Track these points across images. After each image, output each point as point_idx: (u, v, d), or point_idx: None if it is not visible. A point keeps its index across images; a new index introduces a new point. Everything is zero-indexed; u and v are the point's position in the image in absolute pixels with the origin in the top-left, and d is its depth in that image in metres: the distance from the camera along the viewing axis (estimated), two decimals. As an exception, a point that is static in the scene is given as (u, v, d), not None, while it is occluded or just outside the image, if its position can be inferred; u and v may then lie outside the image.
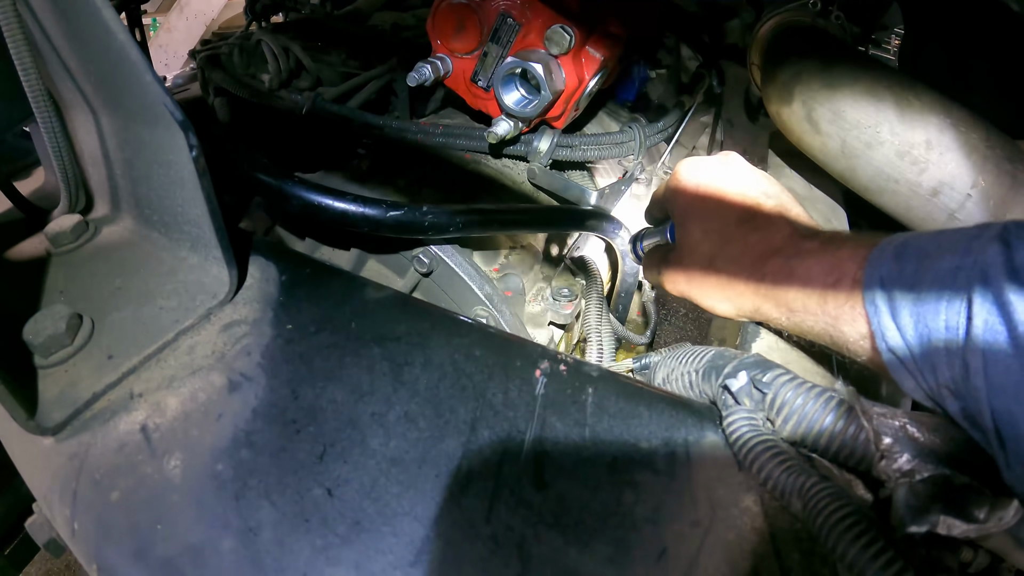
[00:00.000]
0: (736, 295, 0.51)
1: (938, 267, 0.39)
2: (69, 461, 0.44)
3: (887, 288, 0.42)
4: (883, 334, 0.42)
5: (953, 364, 0.38)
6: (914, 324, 0.40)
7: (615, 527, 0.38)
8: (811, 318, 0.46)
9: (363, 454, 0.40)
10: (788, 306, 0.48)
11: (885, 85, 0.61)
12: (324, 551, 0.36)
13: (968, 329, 0.37)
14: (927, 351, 0.39)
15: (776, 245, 0.49)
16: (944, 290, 0.38)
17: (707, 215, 0.54)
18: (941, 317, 0.38)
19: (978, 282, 0.37)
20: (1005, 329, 0.35)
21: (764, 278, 0.49)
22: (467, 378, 0.45)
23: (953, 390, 0.38)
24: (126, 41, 0.43)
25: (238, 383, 0.45)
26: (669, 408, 0.45)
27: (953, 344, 0.38)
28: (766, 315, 0.50)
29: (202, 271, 0.52)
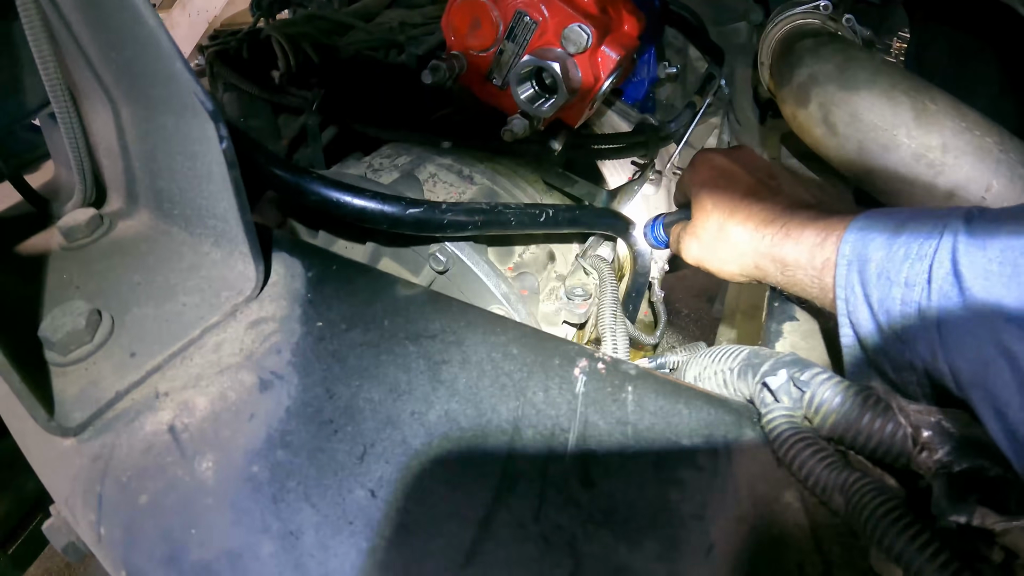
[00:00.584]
0: (740, 255, 0.59)
1: (908, 234, 0.45)
2: (92, 463, 0.42)
3: (859, 244, 0.48)
4: (845, 279, 0.48)
5: (909, 320, 0.43)
6: (876, 276, 0.45)
7: (663, 524, 0.38)
8: (801, 272, 0.53)
9: (405, 454, 0.39)
10: (783, 262, 0.54)
11: (901, 89, 0.62)
12: (371, 554, 0.35)
13: (929, 291, 0.42)
14: (884, 301, 0.45)
15: (777, 212, 0.56)
16: (908, 256, 0.44)
17: (718, 190, 0.62)
18: (903, 275, 0.44)
19: (939, 252, 0.42)
20: (957, 291, 0.40)
21: (764, 239, 0.56)
22: (507, 376, 0.44)
23: (902, 337, 0.44)
24: (156, 27, 0.41)
25: (269, 382, 0.44)
26: (707, 405, 0.45)
27: (910, 300, 0.43)
28: (766, 272, 0.57)
29: (226, 267, 0.51)
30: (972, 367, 0.39)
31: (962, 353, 0.40)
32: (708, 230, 0.62)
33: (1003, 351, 0.36)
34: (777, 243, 0.55)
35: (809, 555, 0.39)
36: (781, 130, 0.94)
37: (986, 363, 0.38)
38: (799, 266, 0.53)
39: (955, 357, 0.40)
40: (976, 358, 0.39)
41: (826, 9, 0.82)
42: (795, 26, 0.83)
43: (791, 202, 0.57)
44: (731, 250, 0.60)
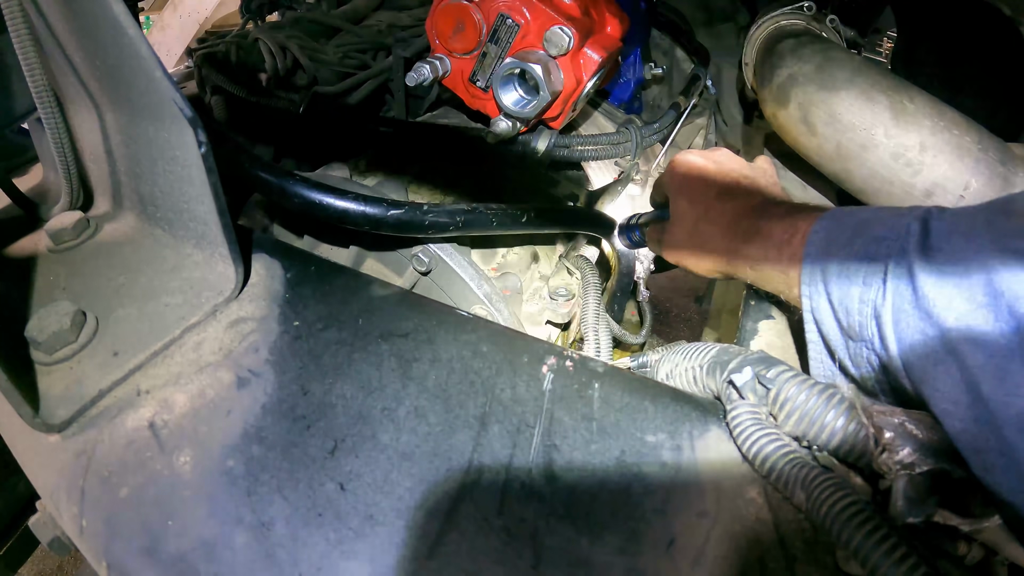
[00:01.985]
0: (713, 252, 0.60)
1: (869, 235, 0.46)
2: (76, 458, 0.43)
3: (823, 242, 0.49)
4: (809, 276, 0.49)
5: (866, 318, 0.44)
6: (837, 274, 0.46)
7: (625, 518, 0.39)
8: (769, 266, 0.54)
9: (374, 449, 0.41)
10: (753, 258, 0.55)
11: (880, 88, 0.63)
12: (338, 545, 0.36)
13: (884, 290, 0.43)
14: (844, 299, 0.46)
15: (748, 210, 0.58)
16: (867, 256, 0.45)
17: (693, 190, 0.64)
18: (861, 274, 0.45)
19: (895, 253, 0.43)
20: (911, 292, 0.40)
21: (736, 236, 0.57)
22: (475, 374, 0.45)
23: (861, 335, 0.45)
24: (136, 36, 0.43)
25: (246, 379, 0.45)
26: (673, 402, 0.46)
27: (867, 299, 0.44)
28: (737, 268, 0.58)
29: (207, 268, 0.52)
30: (923, 364, 0.40)
31: (913, 351, 0.40)
32: (684, 229, 0.64)
33: (951, 351, 0.37)
34: (747, 240, 0.56)
35: (772, 550, 0.40)
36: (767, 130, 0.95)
37: (935, 362, 0.38)
38: (767, 261, 0.54)
39: (908, 355, 0.41)
40: (926, 356, 0.39)
41: (810, 10, 0.83)
42: (779, 27, 0.83)
43: (763, 200, 0.59)
44: (705, 248, 0.61)
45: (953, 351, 0.37)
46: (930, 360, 0.39)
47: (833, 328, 0.47)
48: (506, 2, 0.75)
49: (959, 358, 0.37)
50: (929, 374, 0.39)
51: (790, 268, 0.52)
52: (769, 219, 0.55)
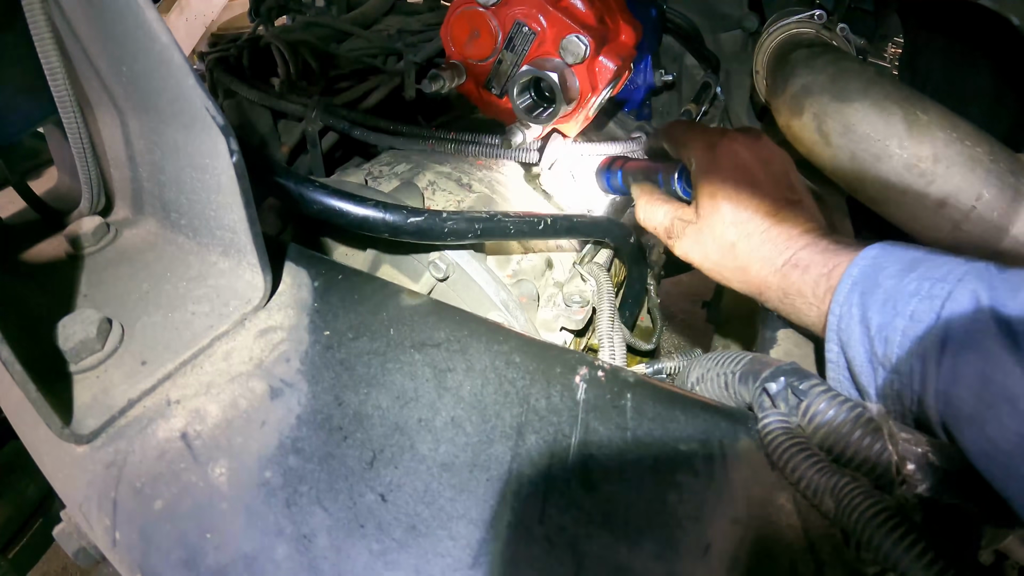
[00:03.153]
0: (746, 279, 0.57)
1: (923, 271, 0.44)
2: (106, 470, 0.43)
3: (870, 268, 0.47)
4: (845, 297, 0.48)
5: (909, 355, 0.43)
6: (882, 302, 0.45)
7: (661, 525, 0.40)
8: (801, 300, 0.53)
9: (413, 459, 0.41)
10: (786, 291, 0.54)
11: (894, 99, 0.64)
12: (382, 555, 0.37)
13: (930, 328, 0.42)
14: (885, 329, 0.45)
15: (793, 238, 0.55)
16: (919, 293, 0.44)
17: (739, 202, 0.58)
18: (909, 309, 0.44)
19: (950, 296, 0.42)
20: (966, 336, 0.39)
21: (775, 271, 0.55)
22: (510, 384, 0.45)
23: (896, 368, 0.44)
24: (169, 43, 0.42)
25: (279, 390, 0.45)
26: (703, 412, 0.47)
27: (913, 335, 0.43)
28: (767, 297, 0.56)
29: (234, 276, 0.52)
30: (979, 403, 0.39)
31: (968, 389, 0.39)
32: (717, 242, 0.59)
33: (1007, 398, 0.36)
34: (786, 274, 0.54)
35: (801, 555, 0.41)
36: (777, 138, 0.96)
37: (988, 405, 0.38)
38: (801, 295, 0.53)
39: (956, 393, 0.40)
40: (977, 398, 0.38)
41: (820, 19, 0.84)
42: (790, 35, 0.84)
43: (809, 227, 0.56)
44: (736, 273, 0.58)
45: (1010, 398, 0.36)
46: (981, 403, 0.38)
47: (861, 353, 0.47)
48: (522, 10, 0.75)
49: (1012, 402, 0.36)
50: (979, 414, 0.38)
51: (823, 301, 0.50)
52: (811, 251, 0.53)
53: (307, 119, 0.83)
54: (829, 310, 0.49)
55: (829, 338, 0.50)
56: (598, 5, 0.76)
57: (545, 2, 0.73)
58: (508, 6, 0.75)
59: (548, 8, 0.74)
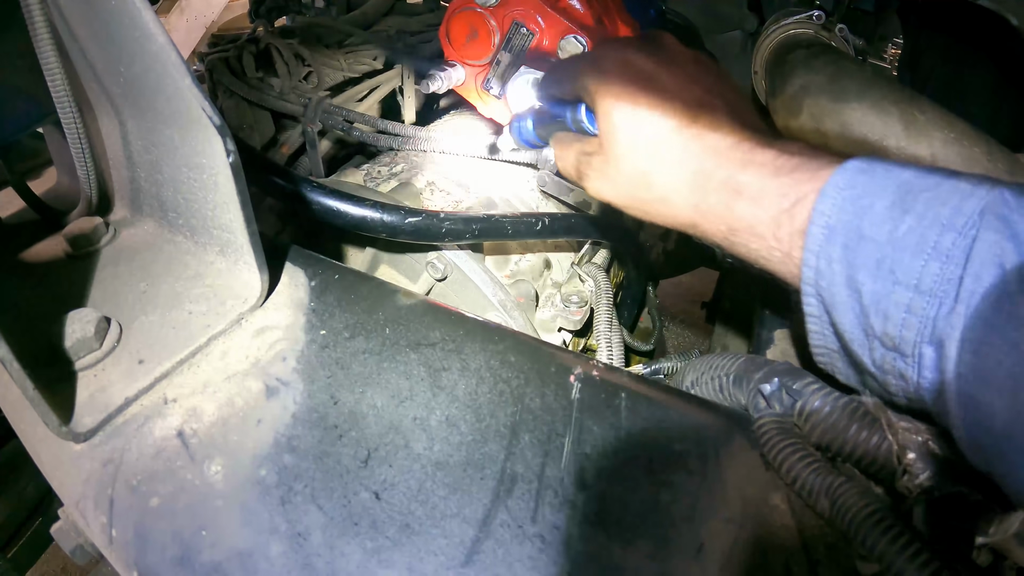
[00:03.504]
0: (671, 212, 0.46)
1: (921, 212, 0.35)
2: (103, 467, 0.43)
3: (851, 205, 0.37)
4: (819, 248, 0.37)
5: (917, 335, 0.34)
6: (875, 264, 0.36)
7: (654, 525, 0.40)
8: (757, 242, 0.42)
9: (408, 458, 0.41)
10: (732, 227, 0.43)
11: (891, 100, 0.64)
12: (375, 553, 0.37)
13: (952, 306, 0.32)
14: (882, 302, 0.36)
15: (722, 156, 0.43)
16: (924, 249, 0.34)
17: (639, 119, 0.46)
18: (915, 275, 0.34)
19: (972, 251, 0.32)
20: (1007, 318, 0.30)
21: (707, 191, 0.44)
22: (504, 383, 0.46)
23: (899, 348, 0.36)
24: (166, 44, 0.43)
25: (275, 388, 0.45)
26: (698, 412, 0.47)
27: (921, 311, 0.34)
28: (705, 232, 0.46)
29: (231, 276, 0.52)
30: (1018, 419, 0.31)
31: (1003, 400, 0.31)
32: (625, 172, 0.47)
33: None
34: (724, 203, 0.43)
35: (795, 555, 0.41)
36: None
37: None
38: (754, 234, 0.42)
39: (987, 400, 0.32)
40: (1015, 413, 0.30)
41: (819, 19, 0.84)
42: (788, 36, 0.84)
43: (741, 136, 0.43)
44: (658, 205, 0.47)
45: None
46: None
47: (851, 321, 0.39)
48: (520, 10, 0.75)
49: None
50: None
51: (790, 248, 0.40)
52: (757, 171, 0.41)
53: (306, 119, 0.84)
54: (802, 261, 0.39)
55: (806, 291, 0.41)
56: (596, 6, 0.76)
57: (543, 3, 0.73)
58: (506, 7, 0.75)
59: (546, 9, 0.74)
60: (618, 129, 0.47)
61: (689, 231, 0.47)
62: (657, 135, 0.45)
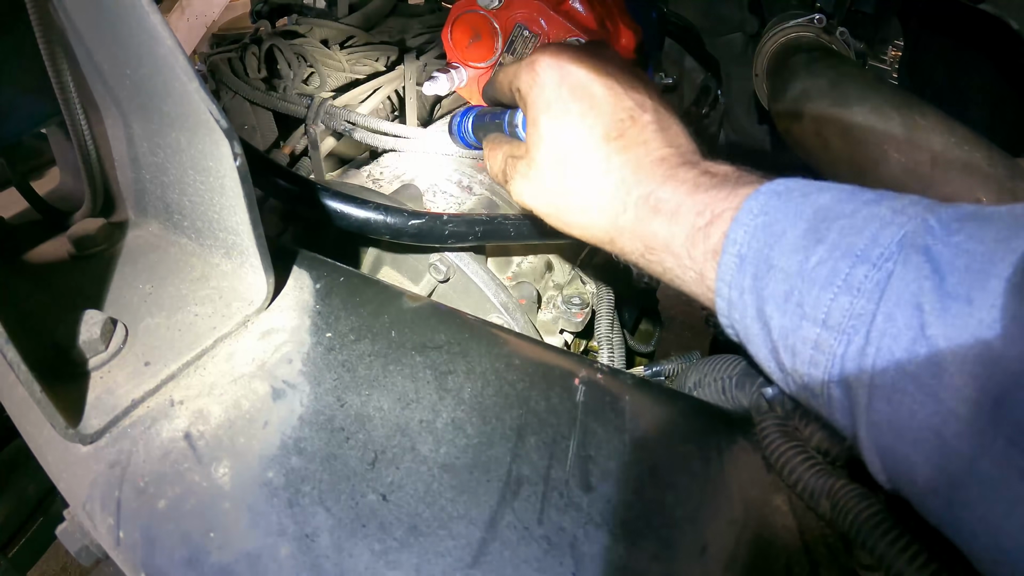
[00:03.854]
0: (589, 224, 0.46)
1: (835, 241, 0.33)
2: (110, 469, 0.43)
3: (763, 233, 0.35)
4: (732, 278, 0.36)
5: (824, 372, 0.33)
6: (783, 297, 0.34)
7: (659, 526, 0.40)
8: (672, 259, 0.41)
9: (415, 460, 0.41)
10: (648, 244, 0.42)
11: (892, 104, 0.65)
12: (383, 555, 0.37)
13: (863, 345, 0.30)
14: (789, 337, 0.34)
15: (644, 171, 0.43)
16: (834, 282, 0.32)
17: (566, 124, 0.45)
18: (822, 310, 0.32)
19: (888, 285, 0.30)
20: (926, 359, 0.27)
21: (625, 210, 0.43)
22: (510, 386, 0.46)
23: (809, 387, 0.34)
24: (173, 47, 0.43)
25: (282, 391, 0.46)
26: (701, 414, 0.47)
27: (829, 350, 0.32)
28: (622, 248, 0.45)
29: (236, 278, 0.52)
30: (940, 475, 0.28)
31: (921, 453, 0.29)
32: (547, 179, 0.47)
33: (982, 480, 0.26)
34: (641, 218, 0.42)
35: (797, 556, 0.41)
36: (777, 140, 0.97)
37: (953, 484, 0.27)
38: (670, 252, 0.41)
39: (904, 453, 0.30)
40: (948, 467, 0.28)
41: (820, 22, 0.84)
42: (789, 39, 0.85)
43: (667, 152, 0.43)
44: (578, 215, 0.46)
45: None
46: (960, 471, 0.27)
47: (764, 354, 0.38)
48: (523, 13, 0.76)
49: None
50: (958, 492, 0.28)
51: (704, 268, 0.39)
52: (676, 187, 0.41)
53: (309, 120, 0.84)
54: (715, 291, 0.38)
55: (722, 323, 0.40)
56: (599, 8, 0.77)
57: (546, 5, 0.74)
58: (509, 9, 0.75)
59: (549, 11, 0.74)
60: (544, 136, 0.47)
61: (607, 247, 0.47)
62: (582, 145, 0.45)
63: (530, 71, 0.48)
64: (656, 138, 0.44)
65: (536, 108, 0.47)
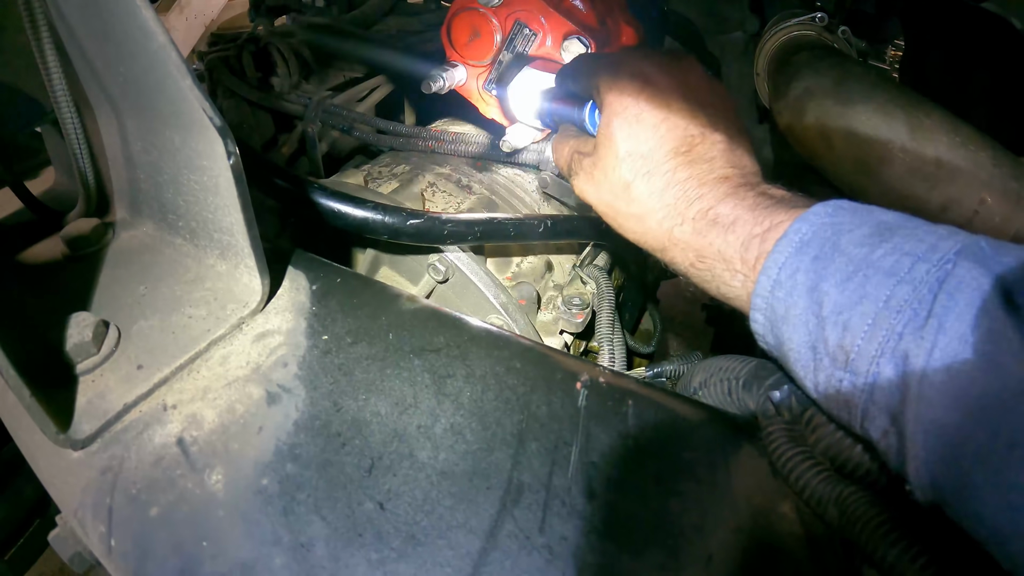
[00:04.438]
0: (644, 231, 0.47)
1: (894, 244, 0.34)
2: (101, 475, 0.42)
3: (829, 229, 0.37)
4: (785, 259, 0.37)
5: (880, 349, 0.33)
6: (847, 276, 0.35)
7: (664, 535, 0.39)
8: (722, 266, 0.42)
9: (412, 467, 0.40)
10: (701, 254, 0.43)
11: (897, 103, 0.64)
12: (380, 565, 0.36)
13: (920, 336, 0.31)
14: (846, 312, 0.35)
15: (706, 187, 0.44)
16: (893, 275, 0.34)
17: (639, 132, 0.46)
18: (884, 292, 0.33)
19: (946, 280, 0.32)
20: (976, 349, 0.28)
21: (683, 223, 0.44)
22: (510, 390, 0.45)
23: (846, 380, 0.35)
24: (166, 43, 0.42)
25: (277, 395, 0.45)
26: (706, 419, 0.46)
27: (885, 325, 0.33)
28: (673, 258, 0.46)
29: (231, 279, 0.51)
30: (994, 441, 0.28)
31: (977, 422, 0.29)
32: (611, 181, 0.48)
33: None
34: (698, 231, 0.43)
35: (804, 564, 0.41)
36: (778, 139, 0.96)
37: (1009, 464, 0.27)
38: (723, 259, 0.42)
39: (956, 423, 0.30)
40: (1004, 430, 0.28)
41: (822, 21, 0.83)
42: (791, 38, 0.84)
43: (730, 173, 0.45)
44: (633, 221, 0.47)
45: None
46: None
47: (800, 334, 0.37)
48: (523, 10, 0.75)
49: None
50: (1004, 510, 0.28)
51: (753, 271, 0.40)
52: (736, 203, 0.42)
53: (306, 119, 0.83)
54: (763, 270, 0.39)
55: (755, 305, 0.40)
56: (599, 6, 0.76)
57: (546, 3, 0.73)
58: (509, 7, 0.74)
59: (549, 9, 0.73)
60: (615, 137, 0.47)
61: (657, 254, 0.48)
62: (650, 153, 0.46)
63: (611, 70, 0.49)
64: (723, 157, 0.46)
65: (612, 110, 0.48)
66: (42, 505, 0.84)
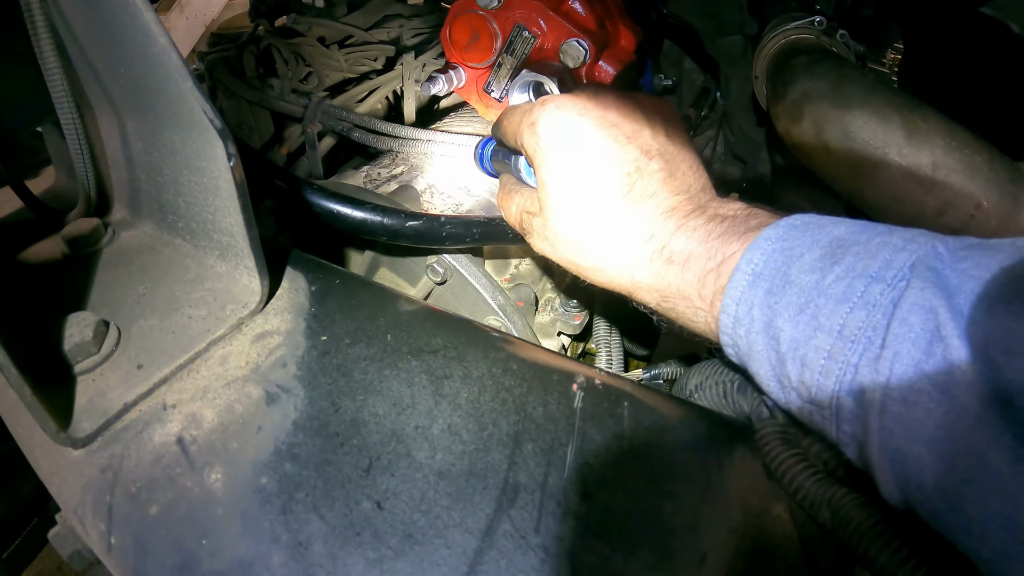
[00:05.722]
0: (607, 280, 0.47)
1: (851, 263, 0.34)
2: (101, 474, 0.43)
3: (780, 256, 0.37)
4: (741, 294, 0.37)
5: (836, 383, 0.33)
6: (797, 308, 0.35)
7: (657, 535, 0.40)
8: (684, 303, 0.42)
9: (410, 467, 0.41)
10: (662, 293, 0.44)
11: (894, 107, 0.64)
12: (378, 564, 0.36)
13: (878, 354, 0.31)
14: (802, 347, 0.35)
15: (656, 225, 0.44)
16: (850, 298, 0.33)
17: (574, 188, 0.46)
18: (838, 321, 0.33)
19: (901, 299, 0.31)
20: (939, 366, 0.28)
21: (640, 268, 0.44)
22: (507, 391, 0.45)
23: (816, 399, 0.35)
24: (167, 45, 0.42)
25: (276, 395, 0.45)
26: (700, 421, 0.47)
27: (843, 358, 0.33)
28: (641, 299, 0.47)
29: (231, 280, 0.51)
30: (951, 473, 0.28)
31: (934, 453, 0.29)
32: (564, 240, 0.48)
33: (990, 474, 0.27)
34: (657, 272, 0.43)
35: (796, 565, 0.41)
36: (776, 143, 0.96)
37: (964, 479, 0.28)
38: (683, 297, 0.42)
39: (916, 454, 0.30)
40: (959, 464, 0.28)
41: (820, 24, 0.84)
42: (790, 41, 0.84)
43: (676, 201, 0.44)
44: (595, 273, 0.48)
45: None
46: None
47: (766, 370, 0.38)
48: (523, 14, 0.75)
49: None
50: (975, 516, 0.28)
51: (713, 307, 0.40)
52: (688, 237, 0.42)
53: (306, 120, 0.83)
54: (722, 308, 0.39)
55: (724, 342, 0.41)
56: (598, 9, 0.76)
57: (546, 6, 0.73)
58: (508, 10, 0.75)
59: (548, 12, 0.74)
60: (554, 198, 0.47)
61: (628, 296, 0.48)
62: (590, 207, 0.46)
63: (532, 133, 0.48)
64: (664, 188, 0.45)
65: (543, 171, 0.48)
66: (40, 503, 0.84)
